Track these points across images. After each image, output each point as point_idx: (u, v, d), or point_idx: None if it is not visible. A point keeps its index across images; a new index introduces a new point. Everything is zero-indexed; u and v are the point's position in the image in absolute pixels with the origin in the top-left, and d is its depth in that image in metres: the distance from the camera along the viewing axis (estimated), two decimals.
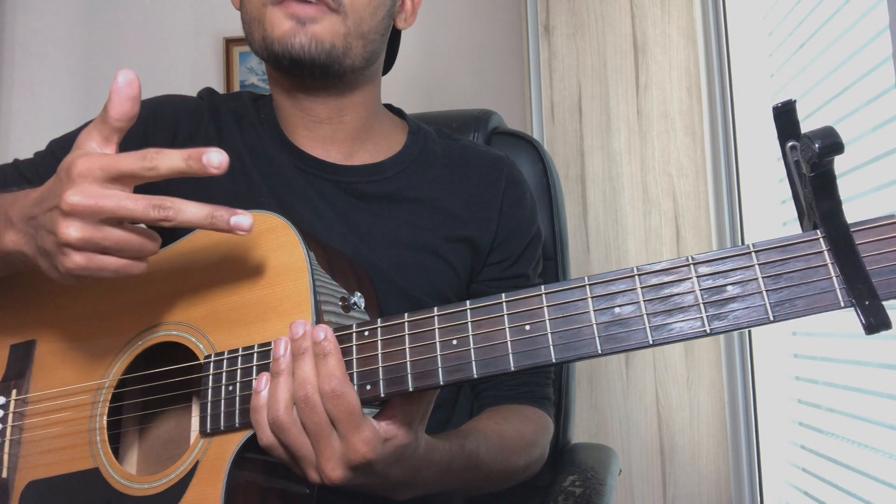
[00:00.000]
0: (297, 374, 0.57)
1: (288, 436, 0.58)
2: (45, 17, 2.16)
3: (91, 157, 0.57)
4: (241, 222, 0.58)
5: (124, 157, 0.57)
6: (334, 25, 0.78)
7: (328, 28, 0.77)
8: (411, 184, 0.86)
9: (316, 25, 0.77)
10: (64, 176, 0.57)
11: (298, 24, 0.77)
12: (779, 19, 1.40)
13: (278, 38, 0.77)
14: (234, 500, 0.61)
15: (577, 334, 0.48)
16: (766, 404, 1.41)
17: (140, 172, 0.57)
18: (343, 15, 0.78)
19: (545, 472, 1.09)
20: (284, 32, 0.77)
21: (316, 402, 0.56)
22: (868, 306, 0.40)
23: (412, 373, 0.53)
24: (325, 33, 0.77)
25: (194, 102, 0.89)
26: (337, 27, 0.78)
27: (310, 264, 0.64)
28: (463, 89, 2.02)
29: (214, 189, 0.80)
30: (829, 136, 0.39)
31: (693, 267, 0.46)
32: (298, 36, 0.76)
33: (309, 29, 0.77)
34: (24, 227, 0.62)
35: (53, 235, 0.57)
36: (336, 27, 0.78)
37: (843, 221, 0.42)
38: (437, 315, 0.54)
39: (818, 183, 0.41)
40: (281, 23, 0.77)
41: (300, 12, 0.77)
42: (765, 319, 0.43)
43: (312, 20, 0.77)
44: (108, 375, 0.71)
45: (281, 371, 0.58)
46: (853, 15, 1.11)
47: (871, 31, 1.05)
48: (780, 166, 1.40)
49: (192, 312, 0.69)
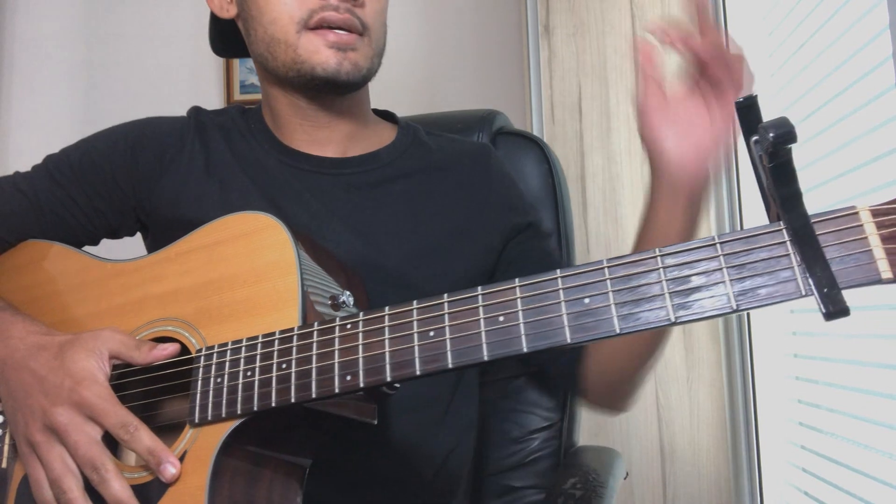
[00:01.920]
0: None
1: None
2: (45, 18, 2.17)
3: (96, 391, 0.66)
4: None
5: (113, 413, 0.65)
6: (366, 50, 0.82)
7: (363, 54, 0.82)
8: (407, 166, 0.89)
9: (354, 53, 0.81)
10: (70, 382, 0.67)
11: (340, 51, 0.80)
12: (779, 19, 1.40)
13: (322, 66, 0.80)
14: (219, 488, 0.62)
15: (549, 324, 0.49)
16: (766, 404, 1.41)
17: (117, 434, 0.65)
18: (368, 37, 0.82)
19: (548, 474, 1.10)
20: (328, 61, 0.80)
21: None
22: (827, 294, 0.41)
23: (390, 363, 0.55)
24: (362, 59, 0.82)
25: (180, 122, 0.91)
26: (368, 51, 0.83)
27: (298, 262, 0.66)
28: (463, 90, 2.03)
29: (206, 200, 0.83)
30: (782, 126, 0.40)
31: (660, 258, 0.47)
32: (344, 65, 0.80)
33: (350, 56, 0.81)
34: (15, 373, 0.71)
35: (46, 417, 0.67)
36: (367, 51, 0.82)
37: (804, 210, 0.43)
38: (416, 308, 0.56)
39: (777, 172, 0.42)
40: (320, 50, 0.80)
41: (340, 42, 0.80)
42: (728, 309, 0.44)
43: (352, 48, 0.81)
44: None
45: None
46: (853, 15, 1.11)
47: (871, 31, 1.05)
48: None
49: (186, 309, 0.71)
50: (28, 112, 2.14)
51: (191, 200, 0.84)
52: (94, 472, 0.64)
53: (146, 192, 0.87)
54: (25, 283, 0.83)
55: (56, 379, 0.67)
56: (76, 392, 0.66)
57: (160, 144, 0.88)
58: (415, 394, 0.80)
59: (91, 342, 0.69)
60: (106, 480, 0.63)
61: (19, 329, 0.74)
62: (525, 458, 1.05)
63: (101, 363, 0.68)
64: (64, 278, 0.81)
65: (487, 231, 0.88)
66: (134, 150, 0.87)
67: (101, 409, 0.65)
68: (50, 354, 0.69)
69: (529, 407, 1.07)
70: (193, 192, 0.84)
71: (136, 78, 2.12)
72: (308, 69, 0.81)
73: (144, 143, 0.88)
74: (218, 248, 0.71)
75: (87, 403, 0.65)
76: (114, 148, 0.87)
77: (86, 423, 0.65)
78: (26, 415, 0.68)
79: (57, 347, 0.70)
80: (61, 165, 0.87)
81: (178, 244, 0.75)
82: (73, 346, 0.69)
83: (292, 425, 0.67)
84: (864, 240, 0.42)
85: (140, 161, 0.87)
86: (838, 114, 1.16)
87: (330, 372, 0.58)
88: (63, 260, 0.83)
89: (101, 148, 0.88)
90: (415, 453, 0.82)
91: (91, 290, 0.78)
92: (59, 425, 0.65)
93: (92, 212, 0.87)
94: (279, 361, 0.61)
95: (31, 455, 0.68)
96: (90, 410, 0.65)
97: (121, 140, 0.88)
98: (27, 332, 0.73)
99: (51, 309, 0.79)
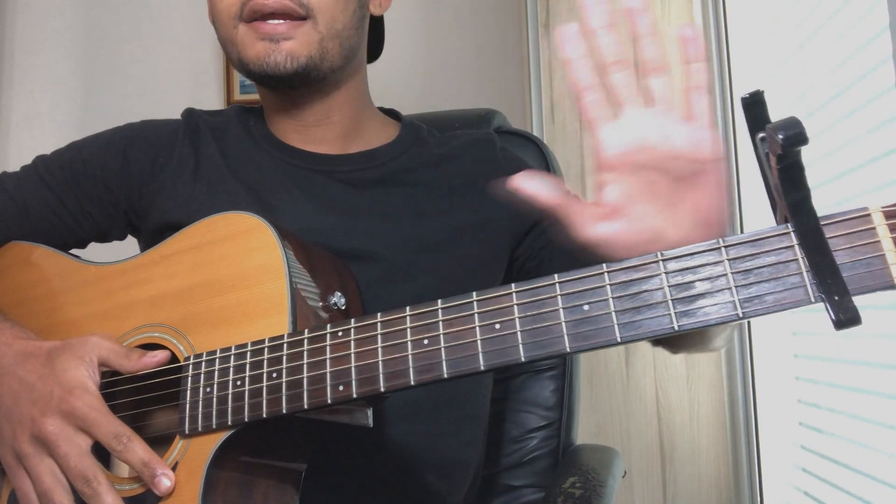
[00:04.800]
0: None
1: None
2: (45, 17, 2.16)
3: (87, 400, 0.64)
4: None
5: (106, 423, 0.63)
6: (307, 35, 0.78)
7: (302, 41, 0.77)
8: (408, 167, 0.86)
9: (289, 42, 0.77)
10: (59, 391, 0.64)
11: (272, 42, 0.77)
12: (779, 19, 1.39)
13: (253, 60, 0.78)
14: (212, 501, 0.61)
15: (547, 332, 0.47)
16: (766, 404, 1.40)
17: (110, 445, 0.63)
18: (313, 20, 0.78)
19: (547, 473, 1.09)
20: (258, 54, 0.77)
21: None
22: (838, 302, 0.39)
23: (384, 372, 0.53)
24: (300, 47, 0.77)
25: (173, 125, 0.89)
26: (310, 37, 0.78)
27: (287, 265, 0.64)
28: (463, 89, 2.01)
29: (193, 203, 0.81)
30: (792, 127, 0.38)
31: (662, 263, 0.45)
32: (273, 55, 0.77)
33: (283, 46, 0.77)
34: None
35: (35, 427, 0.64)
36: (309, 37, 0.78)
37: (813, 213, 0.41)
38: (409, 315, 0.54)
39: (785, 175, 0.40)
40: (253, 44, 0.77)
41: (271, 31, 0.77)
42: (734, 316, 0.43)
43: (285, 37, 0.77)
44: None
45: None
46: (853, 15, 1.09)
47: (871, 31, 1.04)
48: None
49: (173, 314, 0.69)
50: (28, 112, 2.13)
51: (179, 204, 0.82)
52: (85, 484, 0.62)
53: (137, 196, 0.85)
54: (8, 287, 0.81)
55: (45, 387, 0.65)
56: (66, 401, 0.64)
57: (152, 148, 0.86)
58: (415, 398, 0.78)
59: (80, 349, 0.67)
60: (98, 493, 0.61)
61: (6, 335, 0.72)
62: (524, 457, 1.04)
63: (91, 371, 0.66)
64: (47, 282, 0.79)
65: (495, 225, 0.84)
66: (126, 154, 0.85)
67: (92, 419, 0.63)
68: (38, 362, 0.68)
69: (527, 406, 1.06)
70: (182, 196, 0.83)
71: (136, 78, 2.11)
72: (246, 66, 0.79)
73: (136, 147, 0.86)
74: (204, 251, 0.69)
75: (78, 413, 0.63)
76: (106, 151, 0.86)
77: (76, 434, 0.63)
78: (14, 424, 0.66)
79: (45, 354, 0.68)
80: (51, 167, 0.86)
81: (162, 246, 0.73)
82: (62, 353, 0.67)
83: (284, 433, 0.66)
84: (877, 243, 0.40)
85: (132, 165, 0.85)
86: (838, 114, 1.15)
87: (322, 382, 0.56)
88: (47, 263, 0.81)
89: (92, 151, 0.86)
90: (416, 458, 0.80)
91: (75, 294, 0.76)
92: (48, 436, 0.63)
93: (81, 215, 0.85)
94: (269, 370, 0.59)
95: (19, 467, 0.66)
96: (81, 421, 0.63)
97: (113, 143, 0.86)
98: (14, 338, 0.71)
99: (34, 313, 0.78)
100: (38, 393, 0.65)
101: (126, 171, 0.85)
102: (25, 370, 0.67)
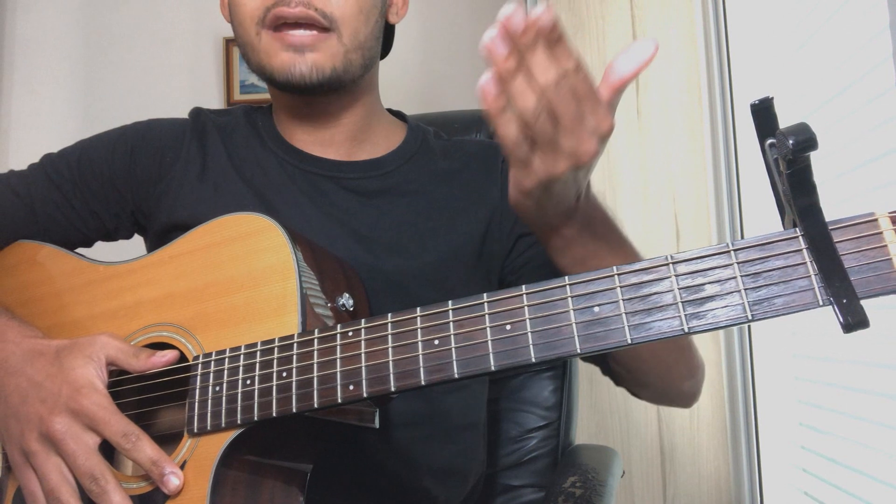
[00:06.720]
0: (536, 67, 0.54)
1: (538, 125, 0.54)
2: (45, 18, 2.16)
3: (95, 399, 0.64)
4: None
5: (114, 421, 0.63)
6: (332, 48, 0.77)
7: (327, 54, 0.77)
8: (412, 178, 0.86)
9: (314, 54, 0.77)
10: (68, 389, 0.65)
11: (297, 53, 0.77)
12: (779, 19, 1.39)
13: (278, 70, 0.77)
14: (221, 498, 0.61)
15: (557, 333, 0.48)
16: (766, 404, 1.40)
17: (118, 443, 0.63)
18: (337, 33, 0.78)
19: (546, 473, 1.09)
20: (283, 63, 0.77)
21: (564, 86, 0.54)
22: (846, 305, 0.40)
23: (394, 372, 0.53)
24: (324, 59, 0.77)
25: (180, 125, 0.89)
26: (335, 49, 0.78)
27: (297, 265, 0.65)
28: (463, 89, 2.01)
29: (200, 204, 0.82)
30: (802, 133, 0.39)
31: (672, 266, 0.46)
32: (298, 66, 0.76)
33: (308, 57, 0.77)
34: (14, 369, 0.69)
35: (42, 424, 0.65)
36: (334, 49, 0.77)
37: (822, 218, 0.41)
38: (419, 315, 0.54)
39: (795, 180, 0.40)
40: (277, 53, 0.77)
41: (297, 42, 0.76)
42: (743, 318, 0.43)
43: (311, 48, 0.77)
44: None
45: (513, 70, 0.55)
46: (853, 15, 1.10)
47: (871, 31, 1.04)
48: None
49: (182, 314, 0.70)
50: (28, 112, 2.13)
51: (186, 205, 0.82)
52: (93, 482, 0.62)
53: (144, 195, 0.85)
54: (14, 285, 0.81)
55: (53, 386, 0.65)
56: (75, 400, 0.64)
57: (159, 148, 0.86)
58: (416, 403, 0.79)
59: (88, 348, 0.67)
60: (106, 492, 0.62)
61: (14, 333, 0.72)
62: (523, 456, 1.04)
63: (100, 370, 0.66)
64: (54, 281, 0.79)
65: (494, 236, 0.85)
66: (133, 154, 0.86)
67: (100, 417, 0.63)
68: (47, 360, 0.68)
69: (527, 406, 1.06)
70: (189, 197, 0.83)
71: (136, 78, 2.11)
72: (269, 73, 0.79)
73: (144, 147, 0.86)
74: (213, 251, 0.70)
75: (86, 412, 0.64)
76: (113, 151, 0.86)
77: (84, 433, 0.64)
78: (22, 423, 0.66)
79: (53, 353, 0.68)
80: (59, 166, 0.86)
81: (171, 246, 0.73)
82: (71, 351, 0.67)
83: (292, 432, 0.66)
84: (884, 248, 0.41)
85: (139, 164, 0.85)
86: (838, 114, 1.15)
87: (332, 381, 0.57)
88: (54, 262, 0.81)
89: (100, 150, 0.87)
90: (413, 463, 0.81)
91: (83, 294, 0.77)
92: (56, 434, 0.63)
93: (88, 214, 0.85)
94: (279, 370, 0.60)
95: (26, 465, 0.66)
96: (89, 419, 0.63)
97: (120, 143, 0.87)
98: (22, 337, 0.71)
99: (42, 312, 0.78)
100: (47, 391, 0.65)
101: (133, 171, 0.85)
102: (34, 369, 0.68)
